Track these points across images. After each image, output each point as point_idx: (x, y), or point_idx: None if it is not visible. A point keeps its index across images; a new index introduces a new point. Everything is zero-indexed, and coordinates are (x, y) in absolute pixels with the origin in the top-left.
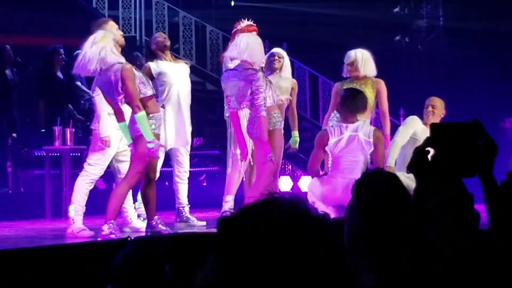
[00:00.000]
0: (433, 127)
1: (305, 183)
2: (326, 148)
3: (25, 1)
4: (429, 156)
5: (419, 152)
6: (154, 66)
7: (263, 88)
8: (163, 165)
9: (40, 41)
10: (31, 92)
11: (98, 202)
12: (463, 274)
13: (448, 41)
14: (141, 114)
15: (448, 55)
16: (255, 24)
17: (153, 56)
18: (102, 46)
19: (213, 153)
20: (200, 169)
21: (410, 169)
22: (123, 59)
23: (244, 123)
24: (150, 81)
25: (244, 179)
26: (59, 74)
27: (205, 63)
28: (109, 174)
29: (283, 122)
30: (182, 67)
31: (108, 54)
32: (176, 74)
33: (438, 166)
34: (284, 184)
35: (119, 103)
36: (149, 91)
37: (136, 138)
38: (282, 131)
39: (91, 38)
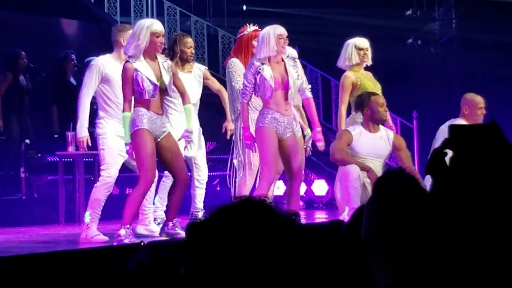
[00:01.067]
0: (452, 128)
1: (319, 186)
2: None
3: (34, 5)
4: (448, 158)
5: (437, 154)
6: None
7: (245, 76)
8: None
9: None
10: (44, 97)
11: (110, 207)
12: (474, 277)
13: (461, 43)
14: (124, 114)
15: (461, 57)
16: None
17: (173, 57)
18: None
19: (227, 157)
20: (213, 173)
21: (427, 170)
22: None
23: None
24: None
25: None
26: (72, 80)
27: (217, 68)
28: (123, 179)
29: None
30: (191, 78)
31: None
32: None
33: (457, 169)
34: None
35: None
36: (143, 94)
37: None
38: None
39: None
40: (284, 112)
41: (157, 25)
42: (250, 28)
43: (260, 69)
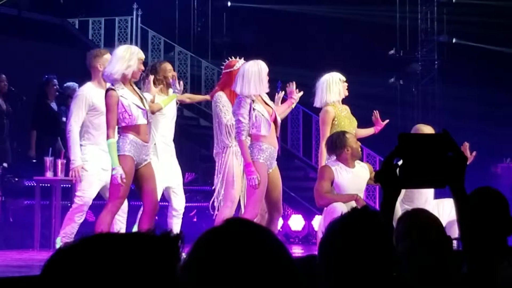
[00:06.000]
0: (401, 137)
1: (296, 221)
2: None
3: (17, 29)
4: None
5: (387, 162)
6: None
7: (239, 114)
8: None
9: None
10: (24, 121)
11: (87, 234)
12: None
13: (443, 85)
14: (109, 141)
15: (441, 98)
16: None
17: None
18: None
19: (205, 189)
20: (191, 204)
21: (377, 178)
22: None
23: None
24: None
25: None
26: (53, 104)
27: None
28: (100, 207)
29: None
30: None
31: None
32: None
33: (406, 176)
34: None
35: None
36: (133, 120)
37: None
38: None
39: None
40: (276, 145)
41: (142, 52)
42: (239, 63)
43: (253, 106)
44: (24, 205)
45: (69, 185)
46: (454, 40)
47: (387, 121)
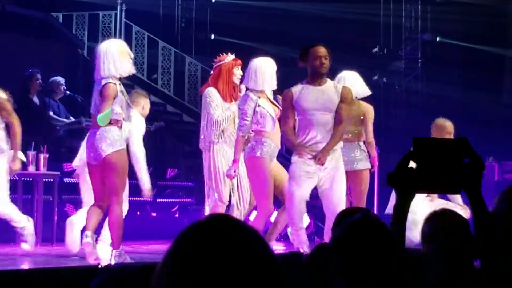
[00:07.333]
0: (415, 140)
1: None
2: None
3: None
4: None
5: (400, 165)
6: None
7: (244, 110)
8: (134, 195)
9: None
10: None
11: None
12: None
13: (426, 83)
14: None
15: (424, 96)
16: (239, 59)
17: None
18: None
19: (187, 185)
20: (173, 200)
21: (390, 181)
22: None
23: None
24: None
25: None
26: (35, 99)
27: (183, 95)
28: (81, 201)
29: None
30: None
31: None
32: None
33: (420, 180)
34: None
35: None
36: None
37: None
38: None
39: None
40: (278, 143)
41: None
42: (230, 57)
43: (258, 102)
44: None
45: (51, 180)
46: (437, 39)
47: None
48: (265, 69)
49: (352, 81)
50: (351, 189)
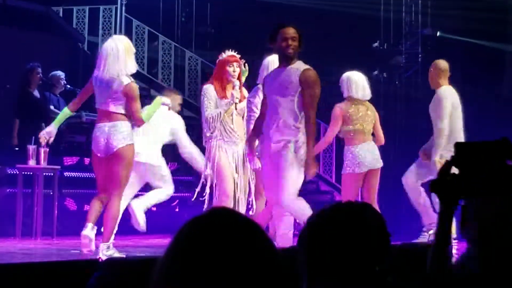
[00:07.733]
0: (457, 146)
1: None
2: None
3: (1, 17)
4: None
5: (443, 172)
6: None
7: (253, 102)
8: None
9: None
10: (7, 109)
11: (68, 223)
12: None
13: (426, 78)
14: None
15: (425, 91)
16: (238, 55)
17: None
18: None
19: (187, 179)
20: (173, 194)
21: (433, 189)
22: None
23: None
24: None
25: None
26: (36, 93)
27: (183, 89)
28: (81, 195)
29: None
30: None
31: None
32: None
33: (463, 187)
34: None
35: None
36: None
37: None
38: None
39: None
40: None
41: None
42: (226, 54)
43: None
44: (6, 193)
45: (51, 174)
46: (438, 34)
47: None
48: (275, 64)
49: (361, 83)
50: (367, 186)
